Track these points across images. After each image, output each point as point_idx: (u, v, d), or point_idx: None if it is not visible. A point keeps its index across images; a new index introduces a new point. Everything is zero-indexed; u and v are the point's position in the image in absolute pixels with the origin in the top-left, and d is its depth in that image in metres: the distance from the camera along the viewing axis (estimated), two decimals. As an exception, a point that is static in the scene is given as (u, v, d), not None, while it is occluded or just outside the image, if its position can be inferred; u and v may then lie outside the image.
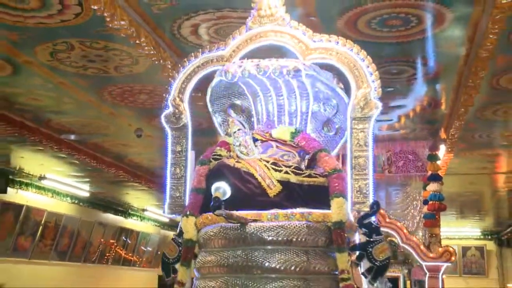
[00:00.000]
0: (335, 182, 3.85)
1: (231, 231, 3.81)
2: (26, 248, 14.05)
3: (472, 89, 7.38)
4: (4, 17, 5.97)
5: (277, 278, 3.69)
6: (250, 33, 4.30)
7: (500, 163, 12.30)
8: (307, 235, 3.74)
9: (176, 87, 4.49)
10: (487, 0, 5.50)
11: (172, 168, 4.43)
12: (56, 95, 8.36)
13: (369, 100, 3.98)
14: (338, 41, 4.14)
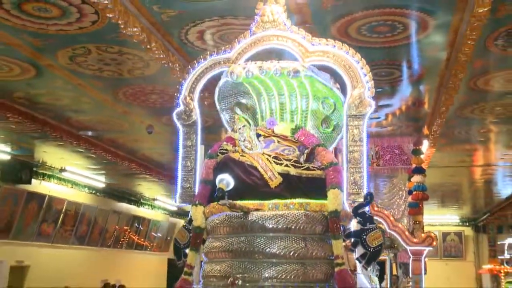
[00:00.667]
0: (332, 175, 3.87)
1: (235, 219, 3.84)
2: (49, 233, 14.07)
3: (452, 90, 7.39)
4: (29, 25, 5.98)
5: (277, 262, 3.71)
6: (254, 37, 4.31)
7: (477, 157, 12.30)
8: (305, 223, 3.77)
9: (186, 87, 4.50)
10: (465, 9, 5.50)
11: (183, 161, 4.47)
12: (75, 95, 8.36)
13: (363, 99, 4.01)
14: (334, 44, 4.16)
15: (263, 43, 4.29)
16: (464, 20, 5.68)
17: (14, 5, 5.57)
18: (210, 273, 3.93)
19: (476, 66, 6.98)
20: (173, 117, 4.56)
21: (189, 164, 4.43)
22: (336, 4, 5.45)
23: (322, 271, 3.76)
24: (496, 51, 6.61)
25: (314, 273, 3.73)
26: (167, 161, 12.81)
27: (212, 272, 3.91)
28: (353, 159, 3.99)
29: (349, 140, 4.02)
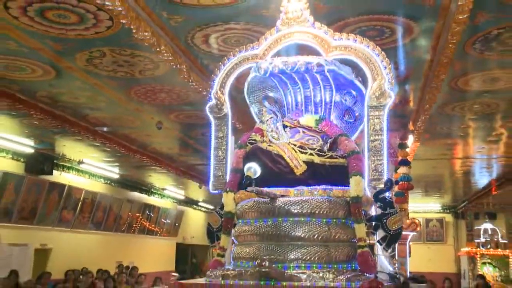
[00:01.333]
0: (354, 163, 3.87)
1: (263, 204, 3.86)
2: (69, 219, 14.10)
3: (435, 89, 7.37)
4: (50, 30, 5.98)
5: (302, 245, 3.73)
6: (280, 34, 4.27)
7: (457, 150, 12.29)
8: (328, 208, 3.79)
9: (218, 82, 4.47)
10: (447, 16, 5.49)
11: (215, 151, 4.45)
12: (91, 94, 8.35)
13: (383, 90, 3.99)
14: (356, 39, 4.12)
15: (288, 39, 4.25)
16: (446, 26, 5.67)
17: (37, 12, 5.58)
18: (239, 255, 3.94)
19: (457, 68, 6.98)
20: (206, 110, 4.52)
21: (221, 154, 4.41)
22: (330, 10, 5.44)
23: (344, 253, 3.78)
24: (474, 54, 6.60)
25: (337, 255, 3.75)
26: (175, 154, 12.83)
27: (241, 254, 3.93)
28: (373, 148, 3.97)
29: (370, 129, 4.00)
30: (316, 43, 4.16)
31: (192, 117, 9.35)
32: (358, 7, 5.44)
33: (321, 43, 4.14)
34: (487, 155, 12.61)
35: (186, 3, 5.34)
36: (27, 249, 12.86)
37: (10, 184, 11.74)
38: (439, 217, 21.89)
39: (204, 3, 5.33)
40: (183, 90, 7.84)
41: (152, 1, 5.32)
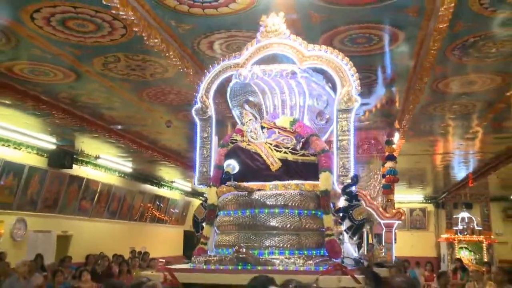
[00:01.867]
0: (323, 160, 3.90)
1: (241, 197, 3.89)
2: (87, 209, 14.11)
3: (418, 91, 7.39)
4: (70, 38, 6.00)
5: (276, 233, 3.80)
6: (259, 45, 4.31)
7: (438, 147, 12.30)
8: (299, 201, 3.82)
9: (203, 87, 4.51)
10: (429, 25, 5.50)
11: (200, 150, 4.50)
12: (107, 96, 8.35)
13: (351, 95, 4.01)
14: (327, 50, 4.18)
15: (267, 49, 4.28)
16: (428, 34, 5.68)
17: (59, 22, 5.61)
18: (221, 243, 3.98)
19: (437, 72, 6.99)
20: (192, 113, 4.55)
21: (205, 152, 4.45)
22: (323, 20, 5.44)
23: (314, 241, 3.81)
24: (453, 60, 6.61)
25: (307, 242, 3.78)
26: (182, 150, 12.81)
27: (222, 242, 3.96)
28: (342, 147, 4.00)
29: (338, 130, 4.03)
30: (292, 53, 4.20)
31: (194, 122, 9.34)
32: (349, 16, 5.44)
33: (296, 53, 4.18)
34: (464, 151, 12.63)
35: (193, 13, 5.33)
36: (50, 235, 12.91)
37: (35, 177, 11.75)
38: (421, 207, 21.92)
39: (209, 12, 5.32)
40: (190, 92, 7.80)
41: (162, 10, 5.30)
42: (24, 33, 5.93)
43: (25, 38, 6.08)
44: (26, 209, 11.89)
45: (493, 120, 9.56)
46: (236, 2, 5.09)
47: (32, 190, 11.86)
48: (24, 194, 11.64)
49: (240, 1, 5.08)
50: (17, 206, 11.55)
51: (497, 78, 7.33)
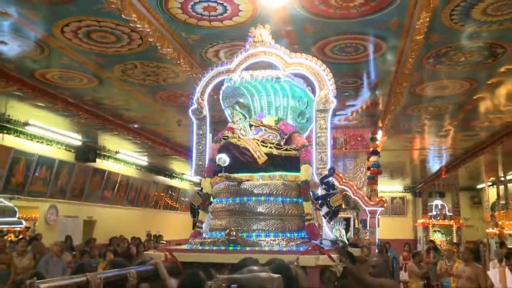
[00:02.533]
0: (304, 154, 3.90)
1: (232, 187, 3.88)
2: (109, 197, 14.11)
3: (399, 95, 7.40)
4: (94, 48, 6.03)
5: (262, 218, 3.76)
6: (248, 53, 4.29)
7: (415, 143, 12.29)
8: (283, 190, 3.82)
9: (198, 90, 4.49)
10: (407, 36, 5.52)
11: (196, 145, 4.47)
12: (126, 98, 8.34)
13: (328, 97, 4.00)
14: (307, 58, 4.17)
15: (255, 57, 4.26)
16: (407, 44, 5.70)
17: (85, 34, 5.63)
18: (214, 227, 3.97)
19: (415, 77, 6.99)
20: (189, 113, 4.52)
21: (201, 147, 4.42)
22: (315, 31, 5.45)
23: (296, 224, 3.82)
24: (428, 67, 6.62)
25: (290, 226, 3.80)
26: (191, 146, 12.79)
27: (215, 226, 3.95)
28: (320, 142, 3.98)
29: (317, 128, 4.02)
30: (276, 60, 4.18)
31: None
32: (338, 28, 5.44)
33: (280, 60, 4.16)
34: (438, 146, 12.64)
35: (201, 25, 5.34)
36: (77, 220, 12.97)
37: (64, 169, 11.76)
38: (401, 196, 21.90)
39: (215, 25, 5.33)
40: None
41: (174, 23, 5.30)
42: (55, 44, 5.95)
43: (56, 49, 6.10)
44: (57, 197, 11.95)
45: (462, 120, 9.57)
46: (238, 15, 5.10)
47: (62, 181, 11.90)
48: (55, 184, 11.67)
49: (242, 15, 5.09)
50: (50, 194, 11.62)
51: (466, 83, 7.34)
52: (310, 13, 5.03)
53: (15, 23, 5.38)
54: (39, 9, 5.04)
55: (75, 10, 5.03)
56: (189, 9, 4.98)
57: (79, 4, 4.89)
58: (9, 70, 6.89)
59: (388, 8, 4.93)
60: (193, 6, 4.92)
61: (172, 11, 5.03)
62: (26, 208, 10.83)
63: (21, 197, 10.65)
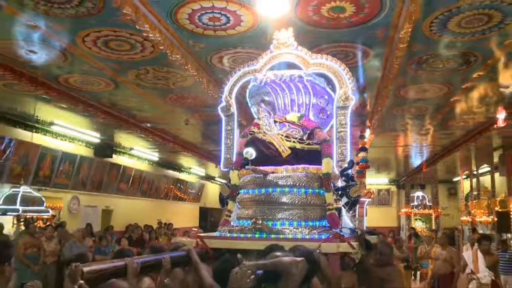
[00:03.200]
0: (325, 148, 3.78)
1: (258, 179, 3.79)
2: (124, 189, 14.13)
3: (385, 97, 7.37)
4: (111, 55, 6.03)
5: (286, 208, 3.66)
6: (272, 54, 4.19)
7: (399, 140, 12.29)
8: (306, 181, 3.71)
9: (227, 89, 4.36)
10: (392, 45, 5.50)
11: (225, 140, 4.34)
12: (139, 100, 8.32)
13: (347, 95, 3.92)
14: (327, 58, 4.05)
15: (279, 58, 4.16)
16: (392, 52, 5.67)
17: (103, 43, 5.64)
18: (241, 216, 3.88)
19: (399, 81, 6.97)
20: (218, 110, 4.37)
21: (229, 142, 4.30)
22: (310, 39, 5.41)
23: (317, 214, 3.71)
24: (411, 72, 6.60)
25: (312, 215, 3.66)
26: (198, 142, 12.81)
27: (242, 215, 3.86)
28: (340, 137, 3.88)
29: (337, 124, 3.92)
30: (299, 61, 4.08)
31: (210, 116, 9.27)
32: (330, 37, 5.43)
33: (302, 61, 4.06)
34: (419, 143, 12.62)
35: (206, 34, 5.32)
36: (96, 209, 13.02)
37: (84, 164, 11.80)
38: (386, 188, 21.90)
39: (219, 34, 5.31)
40: (204, 97, 7.81)
41: (182, 32, 5.29)
42: (77, 52, 5.95)
43: (78, 56, 6.10)
44: (79, 189, 11.99)
45: (441, 120, 9.56)
46: (240, 25, 5.08)
47: (83, 174, 11.93)
48: (77, 177, 11.71)
49: (243, 25, 5.08)
50: (72, 186, 11.67)
51: (444, 87, 7.33)
52: (305, 23, 5.03)
53: (43, 35, 5.43)
54: (64, 22, 5.06)
55: (95, 22, 5.04)
56: (196, 20, 4.97)
57: (98, 17, 4.90)
58: (37, 76, 6.93)
59: (375, 20, 4.93)
60: (199, 17, 4.91)
61: (180, 22, 5.02)
62: (52, 198, 10.85)
63: (48, 189, 10.75)
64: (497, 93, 7.57)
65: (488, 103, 8.15)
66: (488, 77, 6.77)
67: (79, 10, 4.77)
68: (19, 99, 8.33)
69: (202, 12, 4.80)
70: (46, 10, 4.78)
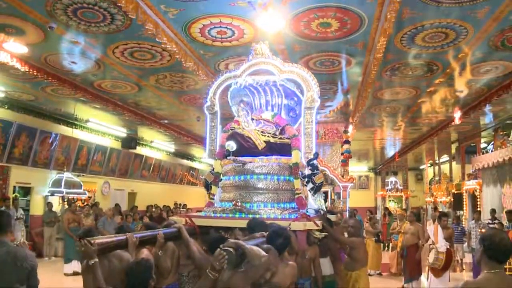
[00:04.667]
0: (294, 142, 3.78)
1: (237, 167, 3.75)
2: (146, 175, 14.18)
3: (365, 98, 7.38)
4: (135, 63, 6.03)
5: (261, 192, 3.63)
6: (250, 63, 4.16)
7: (377, 134, 12.27)
8: (278, 170, 3.69)
9: (211, 91, 4.32)
10: (370, 54, 5.51)
11: (209, 134, 4.29)
12: (158, 100, 8.32)
13: (313, 98, 3.88)
14: (297, 66, 4.03)
15: (256, 65, 4.13)
16: (370, 60, 5.69)
17: (129, 53, 5.68)
18: (223, 199, 3.86)
19: (377, 85, 6.98)
20: (204, 109, 4.35)
21: (212, 136, 4.26)
22: (301, 49, 5.45)
23: (287, 197, 3.71)
24: (386, 78, 6.62)
25: (283, 198, 3.65)
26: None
27: (224, 198, 3.84)
28: (307, 133, 3.87)
29: (305, 122, 3.91)
30: (273, 68, 4.04)
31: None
32: (319, 47, 5.44)
33: (276, 68, 4.02)
34: (393, 137, 12.64)
35: (215, 45, 5.35)
36: (124, 192, 13.10)
37: (113, 154, 11.87)
38: (366, 174, 21.89)
39: (225, 45, 5.34)
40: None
41: (194, 44, 5.31)
42: (108, 61, 5.98)
43: (108, 65, 6.13)
44: (109, 175, 12.07)
45: (410, 118, 9.59)
46: (243, 37, 5.11)
47: (112, 163, 12.00)
48: (108, 165, 11.78)
49: (246, 37, 5.10)
50: (104, 173, 11.78)
51: (413, 91, 7.36)
52: (297, 35, 5.05)
53: (82, 48, 5.52)
54: (98, 37, 5.14)
55: (123, 36, 5.09)
56: (206, 33, 5.00)
57: (125, 32, 4.95)
58: (77, 82, 7.01)
59: (356, 33, 4.96)
60: (209, 31, 4.94)
61: (193, 35, 5.04)
62: (88, 183, 11.03)
63: (84, 175, 10.92)
64: (454, 96, 7.64)
65: (447, 104, 8.21)
66: (447, 83, 6.83)
67: (110, 27, 4.82)
68: (62, 102, 8.45)
69: (212, 26, 4.83)
70: (85, 29, 4.88)
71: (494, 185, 9.15)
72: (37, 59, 5.92)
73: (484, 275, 1.93)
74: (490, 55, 5.59)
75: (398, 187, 18.13)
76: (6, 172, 8.71)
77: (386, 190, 18.28)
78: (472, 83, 6.84)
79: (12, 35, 5.13)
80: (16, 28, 4.94)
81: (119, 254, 2.56)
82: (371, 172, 21.95)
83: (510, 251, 1.94)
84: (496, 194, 8.98)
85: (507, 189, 8.47)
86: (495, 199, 9.01)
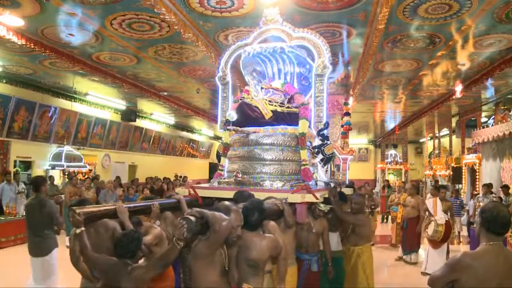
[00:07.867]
0: (302, 111, 3.67)
1: (243, 138, 3.72)
2: (146, 148, 14.32)
3: (365, 70, 7.35)
4: (134, 35, 6.01)
5: (267, 163, 3.58)
6: (261, 30, 4.10)
7: (377, 107, 12.28)
8: (283, 140, 3.61)
9: (223, 61, 4.29)
10: (372, 25, 5.46)
11: (221, 105, 4.29)
12: (157, 72, 8.30)
13: (324, 64, 3.79)
14: (308, 31, 3.94)
15: (267, 32, 4.06)
16: (372, 32, 5.65)
17: (127, 25, 5.62)
18: (230, 170, 3.87)
19: (377, 57, 6.96)
20: (216, 80, 4.28)
21: (224, 107, 4.25)
22: (302, 20, 5.38)
23: (293, 169, 3.59)
24: (388, 49, 6.59)
25: (288, 169, 3.57)
26: (207, 108, 12.83)
27: (230, 169, 3.84)
28: (318, 102, 3.77)
29: (316, 90, 3.80)
30: (284, 35, 3.95)
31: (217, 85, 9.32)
32: (319, 18, 5.40)
33: (286, 35, 3.93)
34: (393, 110, 12.66)
35: (214, 15, 5.30)
36: (124, 165, 13.32)
37: (113, 127, 11.96)
38: (366, 147, 22.06)
39: (225, 15, 5.29)
40: (212, 69, 7.80)
41: (193, 14, 5.26)
42: (106, 33, 5.94)
43: (107, 37, 6.09)
44: (109, 148, 12.21)
45: (411, 91, 9.58)
46: (243, 8, 5.05)
47: (112, 136, 12.11)
48: (108, 138, 11.90)
49: (245, 7, 5.05)
50: (104, 146, 11.92)
51: (414, 63, 7.33)
52: (298, 6, 5.00)
53: (79, 20, 5.46)
54: (96, 8, 5.08)
55: (121, 7, 5.03)
56: (205, 3, 4.95)
57: (123, 3, 4.90)
58: (75, 55, 6.97)
59: (358, 4, 4.91)
60: (208, 1, 4.89)
61: (192, 5, 4.99)
62: (88, 156, 11.18)
63: (85, 148, 11.06)
64: (456, 69, 7.62)
65: (449, 77, 8.20)
66: (449, 56, 6.80)
67: (107, -3, 4.76)
68: (61, 75, 8.44)
69: (211, -4, 4.77)
70: (82, 0, 4.81)
71: (493, 160, 9.30)
72: (33, 32, 5.88)
73: (482, 247, 1.94)
74: (494, 28, 5.55)
75: (398, 160, 18.35)
76: (6, 147, 8.84)
77: (385, 163, 18.51)
78: (474, 56, 6.83)
79: (7, 7, 5.08)
80: (11, 0, 4.89)
81: (105, 222, 2.61)
82: (371, 145, 22.10)
83: (508, 224, 1.95)
84: (495, 169, 9.16)
85: (507, 163, 8.64)
86: (494, 173, 9.19)
